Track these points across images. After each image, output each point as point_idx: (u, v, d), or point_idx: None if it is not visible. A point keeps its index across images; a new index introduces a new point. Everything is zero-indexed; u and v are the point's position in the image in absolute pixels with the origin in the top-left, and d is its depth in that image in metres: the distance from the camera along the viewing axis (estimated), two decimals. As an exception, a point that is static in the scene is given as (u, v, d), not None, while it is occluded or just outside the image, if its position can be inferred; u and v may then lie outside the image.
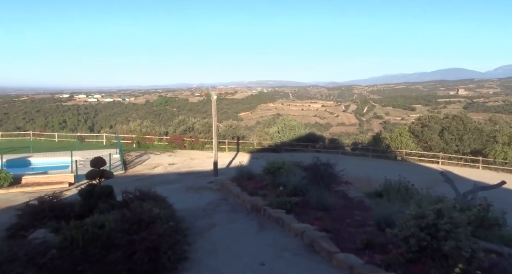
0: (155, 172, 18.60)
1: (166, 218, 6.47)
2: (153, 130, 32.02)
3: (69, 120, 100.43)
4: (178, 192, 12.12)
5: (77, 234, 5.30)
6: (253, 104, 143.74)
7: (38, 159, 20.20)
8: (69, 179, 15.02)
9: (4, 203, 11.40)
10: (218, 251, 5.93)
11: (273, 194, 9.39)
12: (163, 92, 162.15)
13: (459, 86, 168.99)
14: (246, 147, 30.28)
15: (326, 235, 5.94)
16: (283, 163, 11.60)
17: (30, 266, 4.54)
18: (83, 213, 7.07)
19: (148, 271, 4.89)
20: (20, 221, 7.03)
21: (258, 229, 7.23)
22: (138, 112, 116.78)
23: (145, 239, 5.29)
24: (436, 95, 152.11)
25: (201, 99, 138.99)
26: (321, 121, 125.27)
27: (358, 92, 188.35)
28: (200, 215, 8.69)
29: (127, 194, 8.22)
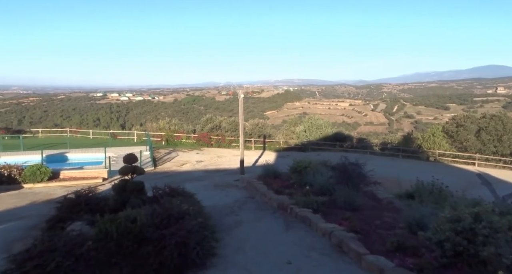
0: (183, 169, 19.00)
1: (195, 214, 6.61)
2: (181, 128, 32.71)
3: (102, 118, 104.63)
4: (205, 189, 12.31)
5: (111, 227, 5.51)
6: (279, 103, 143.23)
7: (74, 154, 21.22)
8: (103, 174, 15.66)
9: (44, 196, 12.09)
10: (245, 248, 5.98)
11: (299, 193, 9.35)
12: (190, 91, 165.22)
13: (498, 84, 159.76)
14: (272, 145, 30.26)
15: (355, 236, 5.83)
16: (309, 162, 11.51)
17: (68, 256, 4.78)
18: (117, 207, 7.36)
19: (177, 265, 5.01)
20: (59, 213, 7.42)
21: (285, 227, 7.22)
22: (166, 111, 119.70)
23: (175, 234, 5.42)
24: (472, 94, 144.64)
25: (228, 98, 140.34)
26: (348, 120, 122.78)
27: (388, 90, 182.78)
28: (227, 212, 8.79)
29: (157, 189, 8.49)
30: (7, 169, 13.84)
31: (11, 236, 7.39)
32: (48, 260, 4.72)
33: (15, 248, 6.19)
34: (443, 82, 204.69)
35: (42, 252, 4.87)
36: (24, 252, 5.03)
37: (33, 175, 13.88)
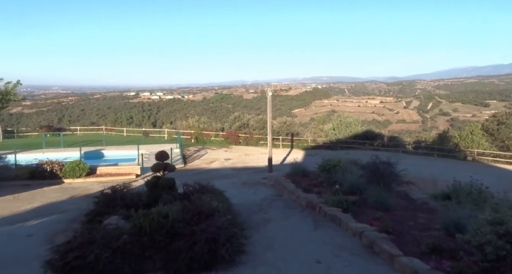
0: (212, 166, 19.30)
1: (224, 211, 6.70)
2: (210, 126, 33.21)
3: (135, 116, 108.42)
4: (234, 187, 12.44)
5: (145, 222, 5.70)
6: (307, 100, 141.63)
7: (109, 151, 22.18)
8: (136, 170, 16.23)
9: (82, 191, 12.74)
10: (274, 246, 5.99)
11: (328, 191, 9.24)
12: (219, 90, 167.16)
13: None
14: (300, 143, 30.03)
15: (387, 236, 5.67)
16: (339, 161, 11.32)
17: (106, 248, 5.02)
18: (149, 202, 7.61)
19: (208, 261, 5.11)
20: (96, 207, 7.77)
21: (314, 226, 7.15)
22: (195, 109, 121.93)
23: (205, 230, 5.53)
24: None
25: (255, 96, 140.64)
26: (379, 118, 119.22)
27: (422, 87, 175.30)
28: (255, 210, 8.84)
29: (187, 186, 8.68)
30: (49, 164, 14.70)
31: (54, 228, 7.86)
32: (87, 251, 4.97)
33: (58, 239, 6.58)
34: (483, 77, 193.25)
35: (82, 244, 5.13)
36: (66, 243, 5.34)
37: (72, 170, 14.66)
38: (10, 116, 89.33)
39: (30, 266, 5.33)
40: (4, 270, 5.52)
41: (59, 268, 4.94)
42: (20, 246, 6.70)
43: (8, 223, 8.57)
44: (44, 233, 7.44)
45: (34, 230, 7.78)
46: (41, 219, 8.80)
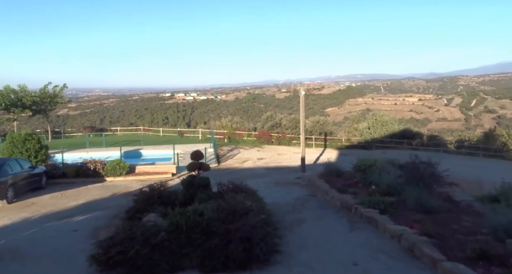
0: (245, 166, 19.46)
1: (258, 210, 6.72)
2: (242, 126, 33.51)
3: (170, 117, 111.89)
4: (267, 186, 12.45)
5: (181, 220, 5.85)
6: (341, 99, 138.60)
7: (147, 151, 23.07)
8: (172, 169, 16.74)
9: (123, 188, 13.35)
10: (308, 247, 5.92)
11: (364, 192, 8.99)
12: (251, 89, 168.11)
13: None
14: (333, 143, 29.47)
15: (429, 240, 5.41)
16: (375, 160, 10.99)
17: (145, 245, 5.20)
18: (185, 201, 7.79)
19: (243, 260, 5.14)
20: (136, 205, 8.07)
21: (349, 227, 6.99)
22: (228, 109, 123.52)
23: (239, 229, 5.57)
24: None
25: (288, 95, 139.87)
26: (417, 116, 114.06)
27: (465, 83, 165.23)
28: (289, 210, 8.79)
29: (221, 185, 8.79)
30: (93, 163, 15.56)
31: (97, 223, 8.30)
32: (128, 247, 5.17)
33: (101, 234, 6.94)
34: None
35: (123, 239, 5.36)
36: (109, 239, 5.59)
37: (113, 169, 15.41)
38: (58, 118, 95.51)
39: (76, 259, 5.67)
40: (55, 262, 5.92)
41: (103, 263, 5.20)
42: (67, 240, 7.15)
43: (57, 218, 9.18)
44: (88, 228, 7.88)
45: (79, 226, 8.27)
46: (86, 215, 9.33)
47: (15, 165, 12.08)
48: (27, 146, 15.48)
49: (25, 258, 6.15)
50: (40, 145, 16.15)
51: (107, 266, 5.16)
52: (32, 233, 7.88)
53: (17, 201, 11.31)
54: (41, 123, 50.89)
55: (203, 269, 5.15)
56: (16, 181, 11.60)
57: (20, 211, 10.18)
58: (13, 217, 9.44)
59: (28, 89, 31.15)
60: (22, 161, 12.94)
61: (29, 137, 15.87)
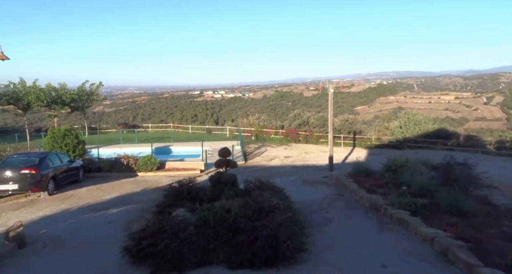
0: (271, 164, 19.47)
1: (284, 208, 6.73)
2: (269, 124, 33.51)
3: (199, 114, 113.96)
4: (293, 185, 12.40)
5: (209, 215, 5.97)
6: (371, 97, 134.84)
7: (176, 147, 23.68)
8: (200, 166, 17.09)
9: (153, 183, 13.80)
10: (335, 247, 5.85)
11: (394, 193, 8.74)
12: (279, 87, 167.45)
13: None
14: (363, 142, 28.79)
15: (464, 244, 5.17)
16: (406, 160, 10.64)
17: (175, 238, 5.35)
18: (213, 197, 7.93)
19: (269, 257, 5.17)
20: (166, 200, 8.31)
21: (378, 228, 6.82)
22: (256, 107, 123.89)
23: (266, 227, 5.59)
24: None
25: (316, 93, 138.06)
26: (454, 115, 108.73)
27: (507, 80, 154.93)
28: (315, 209, 8.72)
29: (248, 183, 8.85)
30: (126, 159, 16.21)
31: (130, 216, 8.64)
32: (158, 240, 5.35)
33: (133, 227, 7.22)
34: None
35: (154, 233, 5.54)
36: (140, 231, 5.81)
37: (145, 164, 15.97)
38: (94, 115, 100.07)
39: (111, 250, 5.94)
40: (92, 252, 6.26)
41: (135, 254, 5.42)
42: (103, 231, 7.51)
43: (93, 210, 9.66)
44: (121, 221, 8.23)
45: (113, 218, 8.65)
46: (119, 208, 9.74)
47: (56, 159, 12.81)
48: (66, 141, 16.36)
49: (65, 247, 6.55)
50: (78, 140, 17.02)
51: (138, 257, 5.37)
52: (71, 223, 8.35)
53: (57, 193, 12.01)
54: (78, 119, 53.58)
55: (229, 265, 5.23)
56: (56, 174, 12.31)
57: (60, 202, 10.81)
58: (54, 208, 10.04)
59: (68, 87, 32.87)
60: (61, 155, 13.70)
61: (68, 132, 16.76)
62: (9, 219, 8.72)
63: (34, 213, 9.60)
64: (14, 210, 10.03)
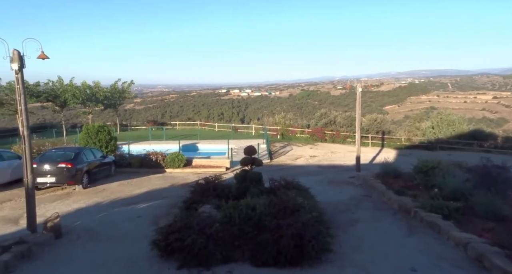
0: (297, 163, 19.35)
1: (310, 208, 6.66)
2: (295, 123, 33.30)
3: (225, 113, 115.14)
4: (319, 184, 12.26)
5: (234, 212, 6.04)
6: (401, 96, 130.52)
7: (203, 145, 24.09)
8: (226, 164, 17.27)
9: (180, 180, 14.12)
10: (362, 248, 5.73)
11: (425, 195, 8.43)
12: (305, 86, 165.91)
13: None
14: (392, 142, 27.96)
15: (501, 251, 4.90)
16: (438, 162, 10.22)
17: (201, 234, 5.45)
18: (238, 195, 7.99)
19: (294, 256, 5.15)
20: (192, 196, 8.46)
21: (407, 231, 6.61)
22: (282, 106, 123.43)
23: (291, 226, 5.57)
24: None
25: (343, 92, 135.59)
26: (491, 116, 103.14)
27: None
28: (341, 209, 8.59)
29: (273, 181, 8.85)
30: (154, 155, 16.69)
31: (158, 211, 8.90)
32: (185, 235, 5.47)
33: (161, 222, 7.44)
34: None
35: (181, 228, 5.67)
36: (168, 226, 5.96)
37: (172, 161, 16.36)
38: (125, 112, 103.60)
39: (141, 243, 6.15)
40: (123, 244, 6.51)
41: (163, 248, 5.57)
42: (132, 225, 7.79)
43: (123, 204, 10.04)
44: (150, 215, 8.49)
45: (142, 212, 8.94)
46: (148, 203, 10.05)
47: (90, 154, 13.41)
48: (99, 137, 17.08)
49: (98, 238, 6.86)
50: (110, 136, 17.71)
51: (166, 251, 5.52)
52: (103, 216, 8.72)
53: (90, 186, 12.57)
54: (111, 116, 55.67)
55: (254, 262, 5.26)
56: (90, 168, 12.88)
57: (93, 196, 11.31)
58: (87, 201, 10.53)
59: (101, 85, 34.29)
60: (95, 151, 14.32)
61: (101, 128, 17.49)
62: (47, 210, 9.23)
63: (69, 205, 10.11)
64: (51, 201, 10.61)
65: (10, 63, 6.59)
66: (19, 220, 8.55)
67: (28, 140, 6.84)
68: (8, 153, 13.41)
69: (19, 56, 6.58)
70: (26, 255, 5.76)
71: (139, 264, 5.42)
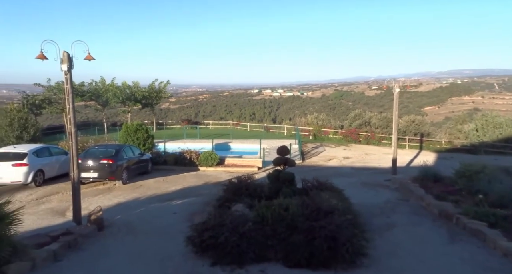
0: (329, 164, 19.04)
1: (344, 210, 6.53)
2: (328, 124, 32.74)
3: (257, 113, 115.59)
4: (353, 186, 11.98)
5: (267, 212, 6.04)
6: (442, 97, 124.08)
7: (235, 144, 24.34)
8: (258, 163, 17.33)
9: (213, 178, 14.39)
10: (399, 254, 5.55)
11: (468, 201, 8.00)
12: (339, 86, 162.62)
13: None
14: (431, 145, 26.70)
15: (555, 265, 4.55)
16: (483, 167, 9.64)
17: (234, 232, 5.52)
18: (271, 195, 7.98)
19: (327, 258, 5.09)
20: (225, 194, 8.56)
21: (449, 238, 6.30)
22: (314, 106, 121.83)
23: (324, 227, 5.50)
24: None
25: (378, 93, 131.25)
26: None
27: None
28: (376, 213, 8.35)
29: (306, 182, 8.77)
30: (189, 153, 17.12)
31: (192, 208, 9.14)
32: (219, 233, 5.57)
33: (195, 219, 7.62)
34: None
35: (215, 226, 5.77)
36: (202, 223, 6.10)
37: (206, 160, 16.69)
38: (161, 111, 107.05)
39: (176, 239, 6.35)
40: (160, 239, 6.78)
41: (197, 244, 5.71)
42: (169, 221, 8.07)
43: (160, 201, 10.41)
44: (185, 212, 8.74)
45: (177, 209, 9.23)
46: (183, 200, 10.35)
47: (129, 151, 14.03)
48: (138, 135, 17.80)
49: (136, 232, 7.18)
50: (147, 134, 18.40)
51: (201, 248, 5.65)
52: (141, 211, 9.10)
53: (129, 182, 13.14)
54: (147, 115, 57.83)
55: (287, 263, 5.25)
56: (129, 165, 13.48)
57: (132, 191, 11.83)
58: (127, 196, 11.03)
59: (140, 85, 35.72)
60: (134, 148, 14.95)
61: (139, 127, 18.22)
62: (90, 204, 9.78)
63: (110, 199, 10.65)
64: (94, 196, 11.24)
65: (60, 64, 7.05)
66: (65, 212, 9.14)
67: (75, 137, 7.30)
68: (56, 149, 14.36)
69: (68, 57, 7.03)
70: (72, 245, 6.16)
71: (175, 259, 5.60)
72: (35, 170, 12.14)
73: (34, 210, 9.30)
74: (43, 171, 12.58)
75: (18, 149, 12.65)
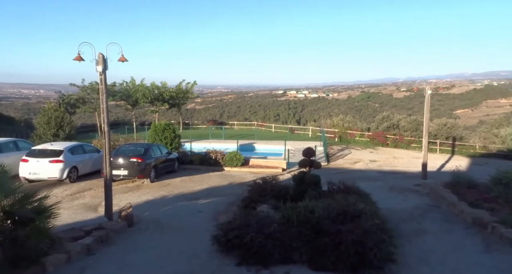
0: (355, 167, 18.67)
1: (371, 214, 6.39)
2: (354, 126, 32.13)
3: (281, 114, 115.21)
4: (380, 191, 11.67)
5: (292, 214, 6.02)
6: (476, 100, 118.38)
7: (260, 145, 24.39)
8: (283, 165, 17.28)
9: (238, 178, 14.49)
10: (430, 261, 5.36)
11: (505, 209, 7.63)
12: (366, 88, 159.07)
13: None
14: (464, 149, 25.56)
15: None
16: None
17: (259, 233, 5.54)
18: (296, 196, 7.95)
19: (354, 263, 5.00)
20: (250, 195, 8.61)
21: (484, 247, 6.02)
22: (340, 108, 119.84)
23: (351, 232, 5.41)
24: None
25: (407, 95, 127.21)
26: None
27: None
28: (405, 218, 8.12)
29: (331, 185, 8.67)
30: (214, 153, 17.34)
31: (217, 208, 9.26)
32: (244, 233, 5.61)
33: (221, 218, 7.73)
34: None
35: (240, 226, 5.83)
36: (227, 223, 6.18)
37: (231, 160, 16.85)
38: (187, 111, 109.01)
39: (202, 237, 6.47)
40: (186, 236, 6.93)
41: (223, 243, 5.79)
42: (195, 219, 8.22)
43: (186, 199, 10.62)
44: (211, 211, 8.87)
45: (203, 208, 9.38)
46: (208, 199, 10.50)
47: (157, 150, 14.41)
48: (165, 134, 18.24)
49: (164, 229, 7.37)
50: (174, 134, 18.81)
51: (226, 247, 5.73)
52: (168, 209, 9.33)
53: (156, 181, 13.49)
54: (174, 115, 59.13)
55: (312, 266, 5.22)
56: (157, 163, 13.84)
57: (159, 189, 12.14)
58: (154, 194, 11.34)
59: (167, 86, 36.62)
60: (161, 147, 15.34)
61: (167, 126, 18.67)
62: (120, 200, 10.13)
63: (139, 197, 10.99)
64: (124, 193, 11.63)
65: (95, 65, 7.38)
66: (97, 208, 9.53)
67: (108, 135, 7.60)
68: (89, 147, 14.99)
69: (103, 59, 7.34)
70: (104, 240, 6.42)
71: (201, 257, 5.70)
72: (70, 167, 12.73)
73: (68, 205, 9.75)
74: (77, 167, 13.17)
75: (54, 146, 13.30)
